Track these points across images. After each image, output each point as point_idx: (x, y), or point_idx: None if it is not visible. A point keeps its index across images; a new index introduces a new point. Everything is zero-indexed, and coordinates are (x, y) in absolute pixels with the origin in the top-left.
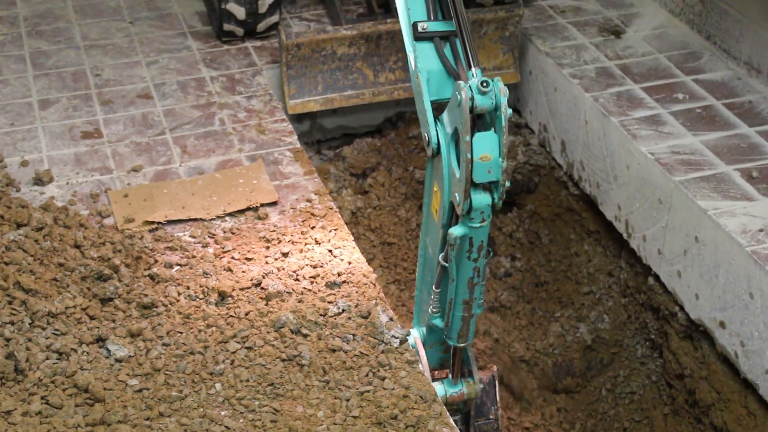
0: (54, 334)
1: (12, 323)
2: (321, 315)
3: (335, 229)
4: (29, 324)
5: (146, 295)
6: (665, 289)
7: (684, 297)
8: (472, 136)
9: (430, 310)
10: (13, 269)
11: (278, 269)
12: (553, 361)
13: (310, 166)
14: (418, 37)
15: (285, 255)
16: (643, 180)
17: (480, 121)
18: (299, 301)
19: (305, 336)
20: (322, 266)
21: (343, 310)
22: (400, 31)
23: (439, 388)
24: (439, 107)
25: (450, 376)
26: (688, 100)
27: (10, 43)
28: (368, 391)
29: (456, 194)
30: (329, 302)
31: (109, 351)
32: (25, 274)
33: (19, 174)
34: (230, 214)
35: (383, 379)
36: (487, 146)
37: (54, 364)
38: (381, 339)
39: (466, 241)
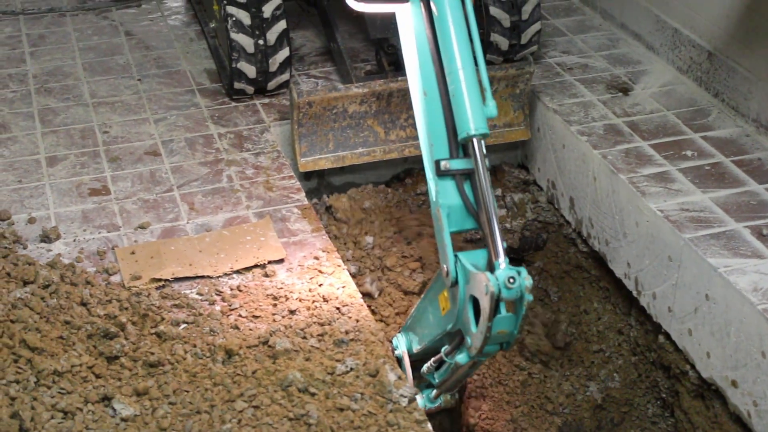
0: (59, 393)
1: (17, 382)
2: (329, 374)
3: (343, 287)
4: (34, 383)
5: (153, 353)
6: (676, 348)
7: (695, 355)
8: (492, 320)
9: (424, 370)
10: (19, 327)
11: (286, 327)
12: (563, 420)
13: (318, 223)
14: (441, 174)
15: (292, 312)
16: (652, 237)
17: None
18: (307, 360)
19: (313, 395)
20: (329, 324)
21: (351, 369)
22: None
23: (419, 401)
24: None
25: (431, 389)
26: (697, 157)
27: (19, 100)
28: None
29: (469, 340)
30: (337, 360)
31: (114, 410)
32: (30, 332)
33: (26, 231)
34: (238, 272)
35: None
36: (505, 325)
37: (59, 423)
38: (389, 398)
39: (470, 362)
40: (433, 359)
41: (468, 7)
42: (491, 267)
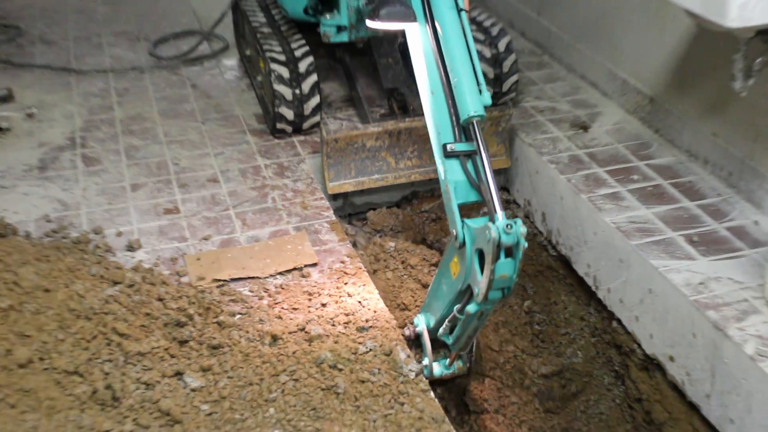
0: (143, 369)
1: (110, 360)
2: (353, 353)
3: (363, 285)
4: (123, 361)
5: (214, 338)
6: (626, 331)
7: (641, 336)
8: (495, 263)
9: (440, 332)
10: (111, 318)
11: (318, 317)
12: (538, 388)
13: (343, 235)
14: (447, 155)
15: (324, 305)
16: (607, 244)
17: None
18: (335, 342)
19: (340, 370)
20: (353, 314)
21: (370, 350)
22: (415, 128)
23: (436, 369)
24: (463, 208)
25: (445, 358)
26: (642, 180)
27: (109, 139)
28: (391, 414)
29: (476, 288)
30: (359, 343)
31: (185, 382)
32: (119, 321)
33: (115, 242)
34: (280, 273)
35: (402, 404)
36: (506, 270)
37: (142, 393)
38: (400, 372)
39: (478, 313)
40: (447, 320)
41: (464, 22)
42: (492, 221)
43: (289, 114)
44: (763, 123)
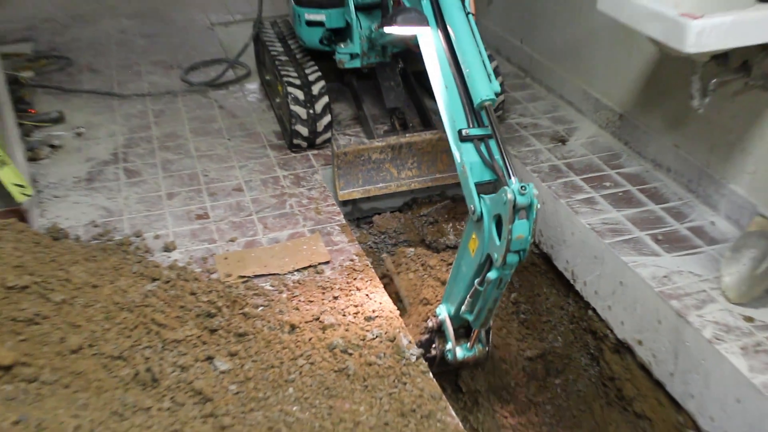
0: (178, 354)
1: (149, 347)
2: (361, 340)
3: (370, 280)
4: (161, 347)
5: (240, 327)
6: (600, 318)
7: (613, 323)
8: (512, 223)
9: (462, 309)
10: (150, 310)
11: (331, 308)
12: (524, 370)
13: (352, 236)
14: (462, 139)
15: (335, 298)
16: (583, 243)
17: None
18: (346, 330)
19: (350, 354)
20: (361, 306)
21: (376, 336)
22: (414, 142)
23: (459, 352)
24: (478, 186)
25: (467, 343)
26: (613, 187)
27: (147, 154)
28: (395, 392)
29: (495, 254)
30: (367, 331)
31: (215, 365)
32: (157, 313)
33: (153, 244)
34: (297, 270)
35: (405, 383)
36: (522, 230)
37: (178, 375)
38: (403, 356)
39: (497, 280)
40: (468, 296)
41: (472, 24)
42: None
43: (304, 131)
44: (718, 136)
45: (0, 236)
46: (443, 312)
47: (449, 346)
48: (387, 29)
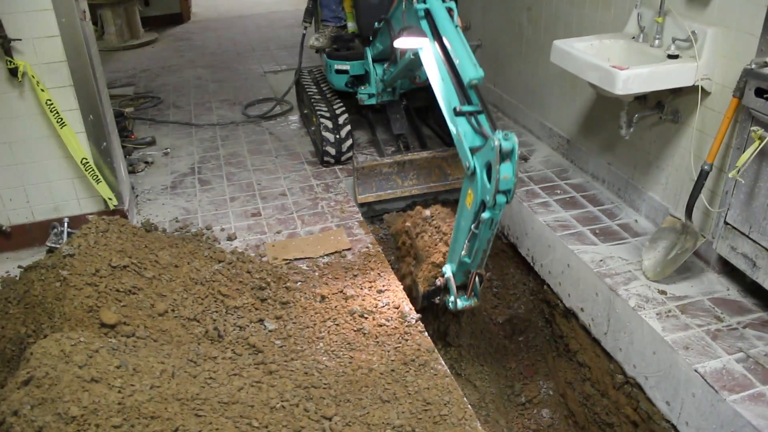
0: (237, 317)
1: (216, 311)
2: (374, 307)
3: (381, 263)
4: (225, 312)
5: (284, 297)
6: (552, 292)
7: (562, 295)
8: (500, 164)
9: (462, 253)
10: (217, 284)
11: (351, 283)
12: (495, 328)
13: (368, 230)
14: (457, 114)
15: (355, 276)
16: (539, 235)
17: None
18: (363, 300)
19: (366, 318)
20: (374, 282)
21: (386, 305)
22: (415, 159)
23: (459, 303)
24: (470, 150)
25: (465, 294)
26: (562, 193)
27: (216, 168)
28: (399, 346)
29: (487, 197)
30: (378, 300)
31: (265, 326)
32: (223, 286)
33: (219, 235)
34: (326, 255)
35: (407, 340)
36: (507, 171)
37: (238, 333)
38: (405, 319)
39: (489, 220)
40: (467, 240)
41: (460, 33)
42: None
43: (332, 151)
44: (640, 157)
45: (107, 228)
46: (448, 271)
47: (452, 298)
48: (396, 43)
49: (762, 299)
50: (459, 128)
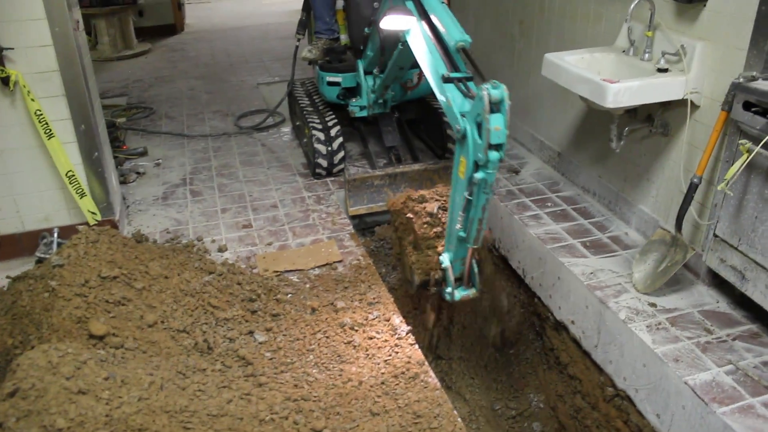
0: (227, 329)
1: (206, 323)
2: (364, 319)
3: (372, 275)
4: (215, 323)
5: (274, 309)
6: (543, 304)
7: (553, 308)
8: (489, 114)
9: (457, 228)
10: (207, 295)
11: (342, 295)
12: (486, 341)
13: (359, 242)
14: (445, 81)
15: (346, 288)
16: (530, 247)
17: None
18: (354, 312)
19: (356, 330)
20: (364, 294)
21: (376, 317)
22: (406, 172)
23: (456, 294)
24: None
25: (462, 284)
26: (553, 206)
27: (207, 179)
28: (389, 359)
29: (479, 154)
30: (369, 312)
31: (255, 338)
32: (213, 297)
33: (210, 246)
34: (317, 267)
35: (397, 352)
36: (498, 122)
37: (227, 344)
38: (395, 332)
39: (483, 182)
40: (461, 211)
41: (446, 8)
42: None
43: (324, 163)
44: (630, 169)
45: (97, 239)
46: (446, 260)
47: (449, 289)
48: (382, 23)
49: (751, 311)
50: (448, 94)
